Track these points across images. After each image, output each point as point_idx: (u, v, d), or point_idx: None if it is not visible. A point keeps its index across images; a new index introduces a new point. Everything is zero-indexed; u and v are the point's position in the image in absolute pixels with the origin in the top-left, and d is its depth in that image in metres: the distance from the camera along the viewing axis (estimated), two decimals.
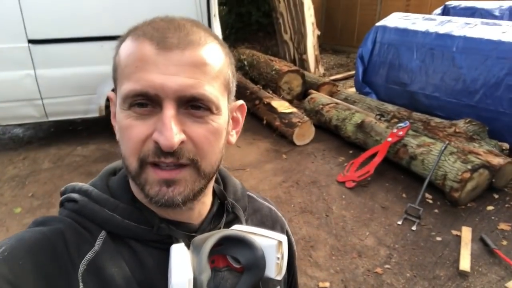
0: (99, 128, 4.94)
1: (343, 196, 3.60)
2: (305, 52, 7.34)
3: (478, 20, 4.64)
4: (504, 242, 2.95)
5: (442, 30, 4.68)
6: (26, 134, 5.01)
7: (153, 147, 0.49)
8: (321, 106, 4.94)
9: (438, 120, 4.23)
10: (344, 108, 4.75)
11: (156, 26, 0.51)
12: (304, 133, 4.57)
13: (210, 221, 0.62)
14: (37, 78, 4.05)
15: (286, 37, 7.53)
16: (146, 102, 0.49)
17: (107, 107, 4.39)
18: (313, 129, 4.64)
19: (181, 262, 0.49)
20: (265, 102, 4.98)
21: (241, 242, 0.55)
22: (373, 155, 3.90)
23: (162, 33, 0.50)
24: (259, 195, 0.77)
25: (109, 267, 0.52)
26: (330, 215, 3.34)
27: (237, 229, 0.58)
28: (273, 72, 5.91)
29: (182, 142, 0.49)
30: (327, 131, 4.85)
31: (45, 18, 3.94)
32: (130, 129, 0.50)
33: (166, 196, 0.50)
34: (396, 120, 4.37)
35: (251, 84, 5.72)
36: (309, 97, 5.29)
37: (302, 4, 7.12)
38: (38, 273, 0.48)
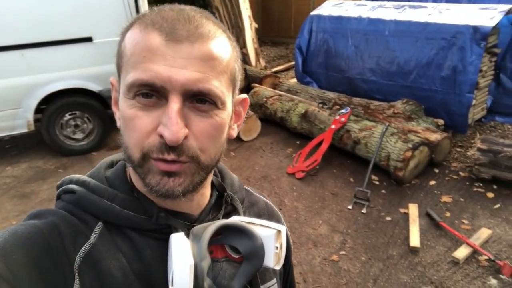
0: (30, 144, 4.57)
1: (294, 188, 3.59)
2: (244, 46, 7.28)
3: (406, 4, 4.81)
4: (448, 214, 3.09)
5: (374, 15, 4.81)
6: None
7: (158, 142, 0.49)
8: (265, 99, 4.91)
9: (377, 103, 4.35)
10: (287, 100, 4.76)
11: (165, 16, 0.50)
12: (251, 128, 4.52)
13: (209, 212, 0.62)
14: None
15: None
16: (152, 93, 0.49)
17: (37, 120, 4.06)
18: (259, 123, 4.60)
19: (182, 249, 0.49)
20: None
21: (240, 232, 0.55)
22: (319, 144, 3.94)
23: (172, 24, 0.49)
24: (255, 190, 0.77)
25: (105, 259, 0.51)
26: (283, 208, 3.32)
27: (236, 219, 0.58)
28: None
29: (185, 137, 0.49)
30: (273, 123, 4.84)
31: None
32: (135, 120, 0.49)
33: (166, 186, 0.50)
34: (337, 107, 4.44)
35: None
36: (252, 91, 5.25)
37: None
38: (32, 267, 0.46)
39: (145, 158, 0.50)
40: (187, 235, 0.54)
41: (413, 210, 3.13)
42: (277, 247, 0.56)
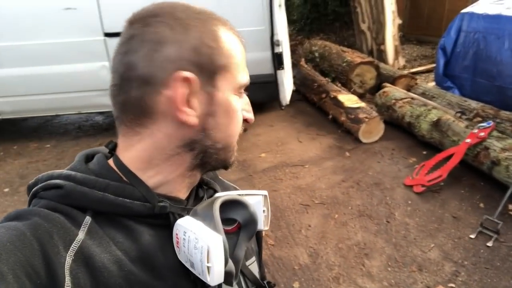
0: None
1: (409, 202, 3.26)
2: (383, 42, 6.86)
3: None
4: None
5: None
6: None
7: (242, 125, 0.62)
8: (393, 101, 4.54)
9: None
10: (419, 104, 4.31)
11: (223, 21, 0.59)
12: (372, 130, 4.25)
13: (194, 198, 0.65)
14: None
15: (364, 26, 7.10)
16: None
17: None
18: (382, 126, 4.29)
19: (202, 228, 0.51)
20: (332, 96, 4.72)
21: (236, 203, 0.59)
22: (448, 158, 3.48)
23: (234, 31, 0.60)
24: (225, 180, 0.82)
25: (98, 254, 0.50)
26: (392, 221, 3.04)
27: (225, 194, 0.63)
28: (344, 64, 5.60)
29: None
30: (399, 128, 4.46)
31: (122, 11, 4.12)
32: (240, 111, 0.60)
33: (235, 160, 0.64)
34: (479, 119, 3.85)
35: (320, 77, 5.48)
36: (381, 90, 4.91)
37: None
38: (16, 273, 0.43)
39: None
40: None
41: None
42: (264, 210, 0.65)
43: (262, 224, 0.64)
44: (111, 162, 0.58)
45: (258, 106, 5.30)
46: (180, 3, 0.56)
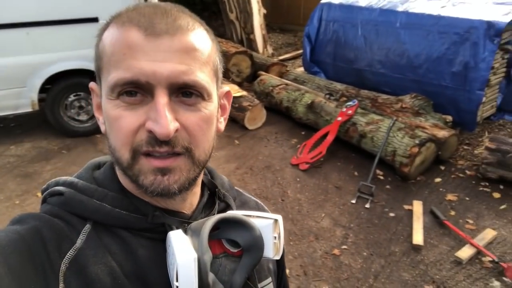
0: (34, 124, 4.55)
1: (298, 179, 3.57)
2: (252, 31, 7.17)
3: None
4: (452, 213, 3.06)
5: (385, 6, 4.71)
6: None
7: (147, 136, 0.48)
8: (271, 88, 4.85)
9: (385, 96, 4.29)
10: (294, 89, 4.69)
11: (142, 12, 0.49)
12: (256, 117, 4.48)
13: (202, 211, 0.61)
14: None
15: (232, 16, 7.31)
16: (136, 90, 0.48)
17: (41, 100, 4.02)
18: (264, 112, 4.56)
19: (183, 244, 0.48)
20: None
21: (238, 224, 0.54)
22: (325, 136, 3.90)
23: (149, 18, 0.48)
24: (244, 190, 0.77)
25: (93, 264, 0.49)
26: (286, 199, 3.30)
27: (232, 213, 0.57)
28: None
29: (176, 130, 0.48)
30: (279, 113, 4.79)
31: None
32: (120, 119, 0.48)
33: (162, 185, 0.49)
34: (345, 98, 4.38)
35: None
36: (258, 79, 5.18)
37: None
38: (12, 276, 0.44)
39: (135, 157, 0.49)
40: (184, 232, 0.53)
41: (417, 207, 3.10)
42: (275, 237, 0.55)
43: (271, 252, 0.55)
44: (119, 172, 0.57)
45: None
46: (145, 3, 0.55)
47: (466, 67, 3.94)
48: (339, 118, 3.91)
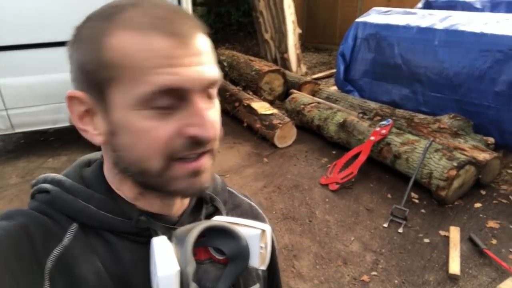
0: (71, 138, 4.72)
1: (327, 200, 3.45)
2: (286, 51, 7.20)
3: (459, 13, 4.54)
4: (494, 241, 2.84)
5: (423, 23, 4.58)
6: None
7: (187, 142, 0.47)
8: (302, 106, 4.79)
9: (421, 116, 4.12)
10: (325, 108, 4.61)
11: (156, 15, 0.47)
12: (286, 135, 4.42)
13: (189, 214, 0.60)
14: (0, 88, 3.83)
15: (267, 36, 7.38)
16: (170, 99, 0.46)
17: None
18: (294, 130, 4.49)
19: (166, 254, 0.47)
20: (245, 104, 4.81)
21: (225, 233, 0.54)
22: (356, 155, 3.77)
23: (170, 22, 0.46)
24: (239, 192, 0.75)
25: (79, 263, 0.49)
26: (314, 220, 3.19)
27: (219, 220, 0.57)
28: (253, 72, 5.75)
29: None
30: (309, 131, 4.71)
31: (6, 22, 3.71)
32: (154, 130, 0.46)
33: (196, 186, 0.50)
34: (379, 118, 4.25)
35: (231, 86, 5.55)
36: (290, 97, 5.15)
37: (281, 2, 6.98)
38: (4, 272, 0.44)
39: (169, 164, 0.48)
40: (169, 238, 0.51)
41: (454, 233, 2.90)
42: (262, 247, 0.55)
43: (257, 262, 0.55)
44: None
45: None
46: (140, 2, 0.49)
47: (511, 86, 3.72)
48: (372, 138, 3.77)
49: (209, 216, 0.61)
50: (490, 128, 3.89)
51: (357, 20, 5.37)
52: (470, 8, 5.58)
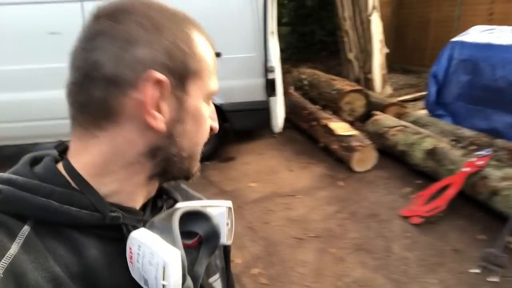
0: None
1: (408, 234, 3.11)
2: (370, 71, 6.90)
3: None
4: None
5: None
6: None
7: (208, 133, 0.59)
8: (385, 129, 4.47)
9: None
10: (412, 132, 4.24)
11: (200, 27, 0.56)
12: (365, 159, 4.14)
13: (152, 207, 0.61)
14: None
15: (351, 55, 7.16)
16: None
17: None
18: (375, 154, 4.19)
19: (159, 242, 0.47)
20: (323, 124, 4.63)
21: (198, 215, 0.55)
22: (446, 187, 3.37)
23: (206, 35, 0.57)
24: (190, 189, 0.78)
25: (31, 272, 0.45)
26: (391, 255, 2.88)
27: (186, 204, 0.60)
28: (334, 92, 5.56)
29: None
30: (392, 157, 4.36)
31: None
32: (208, 120, 0.57)
33: (198, 170, 0.61)
34: (474, 147, 3.79)
35: (309, 104, 5.42)
36: (372, 118, 4.85)
37: (369, 22, 6.74)
38: None
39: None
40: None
41: None
42: (228, 223, 0.60)
43: (225, 238, 0.60)
44: (60, 166, 0.53)
45: (247, 134, 5.19)
46: (153, 2, 0.53)
47: None
48: (466, 169, 3.35)
49: (170, 208, 0.62)
50: None
51: (453, 39, 4.93)
52: None
